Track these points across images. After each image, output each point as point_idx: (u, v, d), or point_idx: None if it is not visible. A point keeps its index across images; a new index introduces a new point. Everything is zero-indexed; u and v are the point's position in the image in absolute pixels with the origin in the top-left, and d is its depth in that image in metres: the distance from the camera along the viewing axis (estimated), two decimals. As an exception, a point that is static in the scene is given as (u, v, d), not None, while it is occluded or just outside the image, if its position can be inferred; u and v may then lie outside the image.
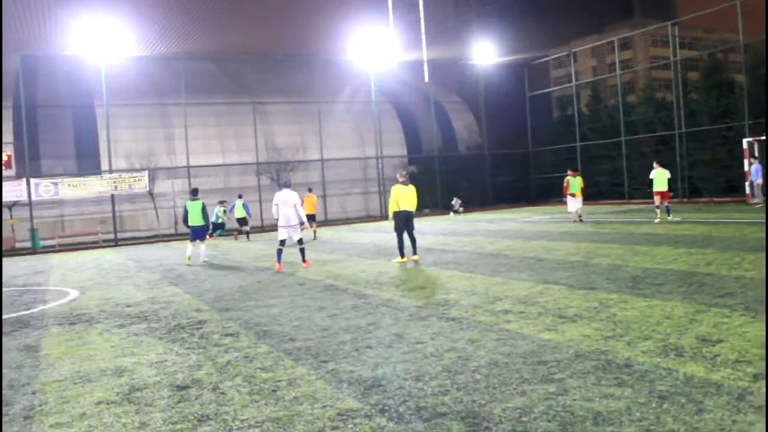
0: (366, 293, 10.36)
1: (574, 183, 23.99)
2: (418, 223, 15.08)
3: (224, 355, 6.87)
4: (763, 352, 5.61)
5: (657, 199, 21.83)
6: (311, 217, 24.44)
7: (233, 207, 28.45)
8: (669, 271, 10.38)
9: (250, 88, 37.36)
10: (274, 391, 5.46)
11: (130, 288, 13.45)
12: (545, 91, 46.77)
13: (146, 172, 32.00)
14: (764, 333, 6.21)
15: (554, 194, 39.61)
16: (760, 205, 25.73)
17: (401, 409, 4.77)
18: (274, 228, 19.26)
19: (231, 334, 7.89)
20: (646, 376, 5.13)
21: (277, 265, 14.73)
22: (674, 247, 13.75)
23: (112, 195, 31.32)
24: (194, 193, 18.59)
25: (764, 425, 4.02)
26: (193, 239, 18.19)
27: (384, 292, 10.32)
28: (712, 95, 33.53)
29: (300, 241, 15.21)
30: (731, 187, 31.18)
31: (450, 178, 39.75)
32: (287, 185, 15.36)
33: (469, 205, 37.82)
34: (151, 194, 33.52)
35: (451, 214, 35.62)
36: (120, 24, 31.04)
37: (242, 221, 28.06)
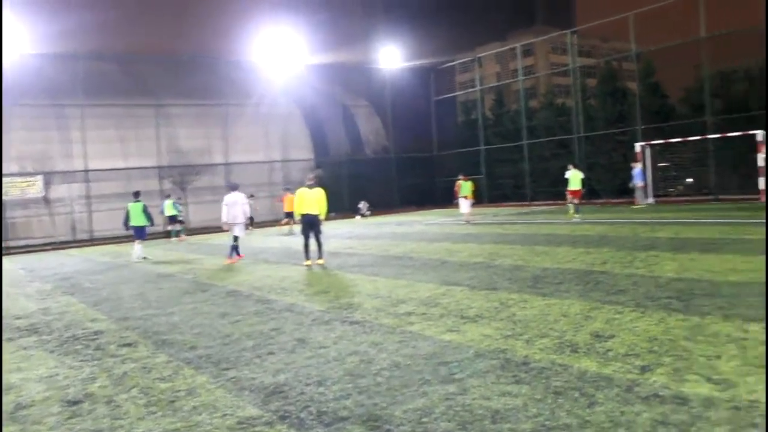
0: (270, 298, 10.23)
1: (465, 186, 25.24)
2: (326, 227, 14.99)
3: (120, 366, 6.62)
4: (651, 345, 5.88)
5: (570, 197, 23.81)
6: (290, 214, 26.75)
7: (163, 207, 28.39)
8: (567, 270, 10.74)
9: (153, 90, 36.28)
10: (173, 401, 5.30)
11: (21, 299, 12.78)
12: (451, 95, 47.55)
13: (41, 177, 30.58)
14: (655, 327, 6.51)
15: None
16: (644, 206, 27.11)
17: (302, 415, 4.72)
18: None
19: (128, 344, 7.61)
20: (542, 373, 5.27)
21: (235, 257, 16.70)
22: (573, 247, 14.24)
23: (2, 200, 29.76)
24: (136, 195, 19.56)
25: (650, 415, 4.20)
26: (137, 238, 19.27)
27: (288, 297, 10.21)
28: (608, 101, 35.10)
29: (235, 239, 16.77)
30: (626, 189, 32.61)
31: (357, 182, 39.87)
32: (235, 188, 17.06)
33: (376, 209, 38.02)
34: (46, 200, 32.04)
35: (358, 217, 35.70)
36: (14, 19, 29.55)
37: (173, 219, 28.26)
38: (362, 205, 36.14)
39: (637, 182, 28.48)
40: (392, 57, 42.82)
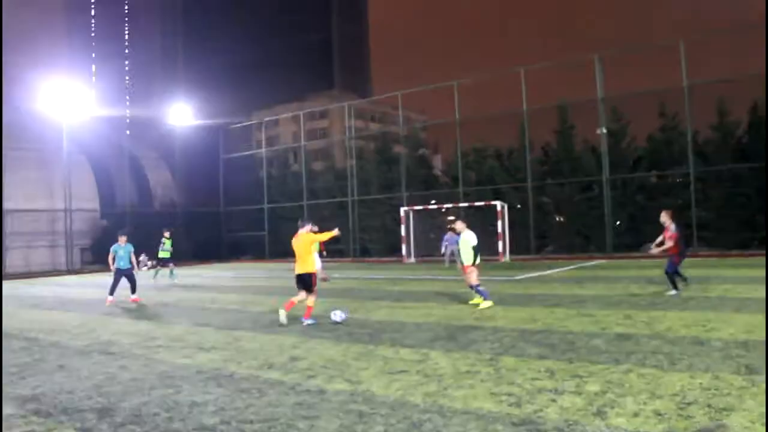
0: None
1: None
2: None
3: None
4: (327, 364, 8.21)
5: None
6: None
7: None
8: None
9: None
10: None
11: None
12: (239, 155, 49.54)
13: None
14: (334, 352, 8.89)
15: (246, 252, 42.33)
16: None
17: (51, 411, 6.41)
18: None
19: None
20: (240, 382, 7.36)
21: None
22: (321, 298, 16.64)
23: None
24: None
25: (295, 401, 6.46)
26: None
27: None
28: (382, 167, 39.02)
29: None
30: (394, 248, 36.27)
31: (142, 234, 40.13)
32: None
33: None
34: None
35: (144, 268, 36.10)
36: None
37: None
38: (143, 258, 36.55)
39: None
40: (185, 113, 44.15)
